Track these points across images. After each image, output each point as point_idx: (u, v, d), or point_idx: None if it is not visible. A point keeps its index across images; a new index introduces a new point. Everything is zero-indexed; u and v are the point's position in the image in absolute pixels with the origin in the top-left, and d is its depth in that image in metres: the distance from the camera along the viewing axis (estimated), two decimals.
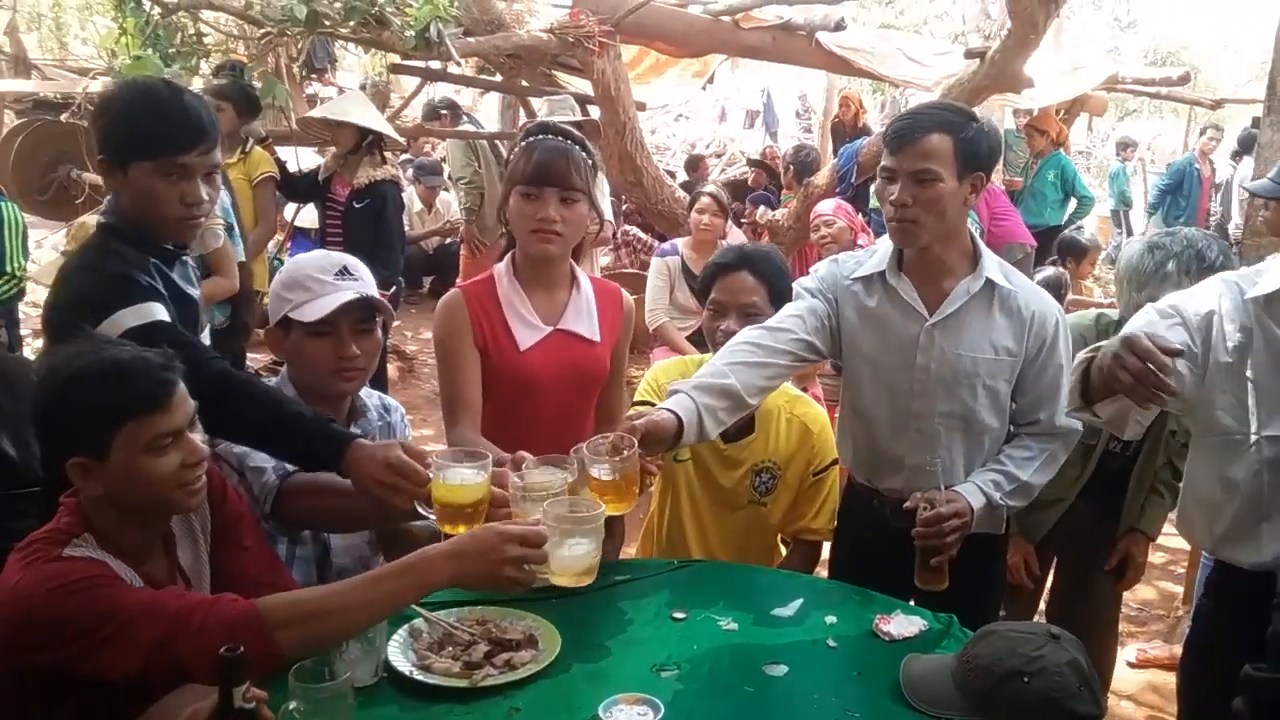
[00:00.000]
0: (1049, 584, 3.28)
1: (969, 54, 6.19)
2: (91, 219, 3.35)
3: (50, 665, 1.69)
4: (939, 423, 2.43)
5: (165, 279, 2.21)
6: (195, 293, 2.35)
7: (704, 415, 2.22)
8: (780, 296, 2.62)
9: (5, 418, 2.39)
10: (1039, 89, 7.05)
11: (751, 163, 11.15)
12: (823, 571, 2.85)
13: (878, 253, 2.51)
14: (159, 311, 2.10)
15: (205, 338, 2.40)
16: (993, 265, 2.43)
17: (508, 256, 2.59)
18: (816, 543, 2.80)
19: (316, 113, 5.79)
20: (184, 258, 2.32)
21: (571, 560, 1.91)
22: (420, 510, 2.00)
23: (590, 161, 2.50)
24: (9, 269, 4.16)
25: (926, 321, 2.41)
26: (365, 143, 5.35)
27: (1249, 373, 2.13)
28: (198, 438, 1.84)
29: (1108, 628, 3.25)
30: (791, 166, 7.83)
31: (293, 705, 1.59)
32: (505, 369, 2.49)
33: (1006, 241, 6.57)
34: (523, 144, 2.50)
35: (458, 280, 7.61)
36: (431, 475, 1.95)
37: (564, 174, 2.42)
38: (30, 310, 5.76)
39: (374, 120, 5.45)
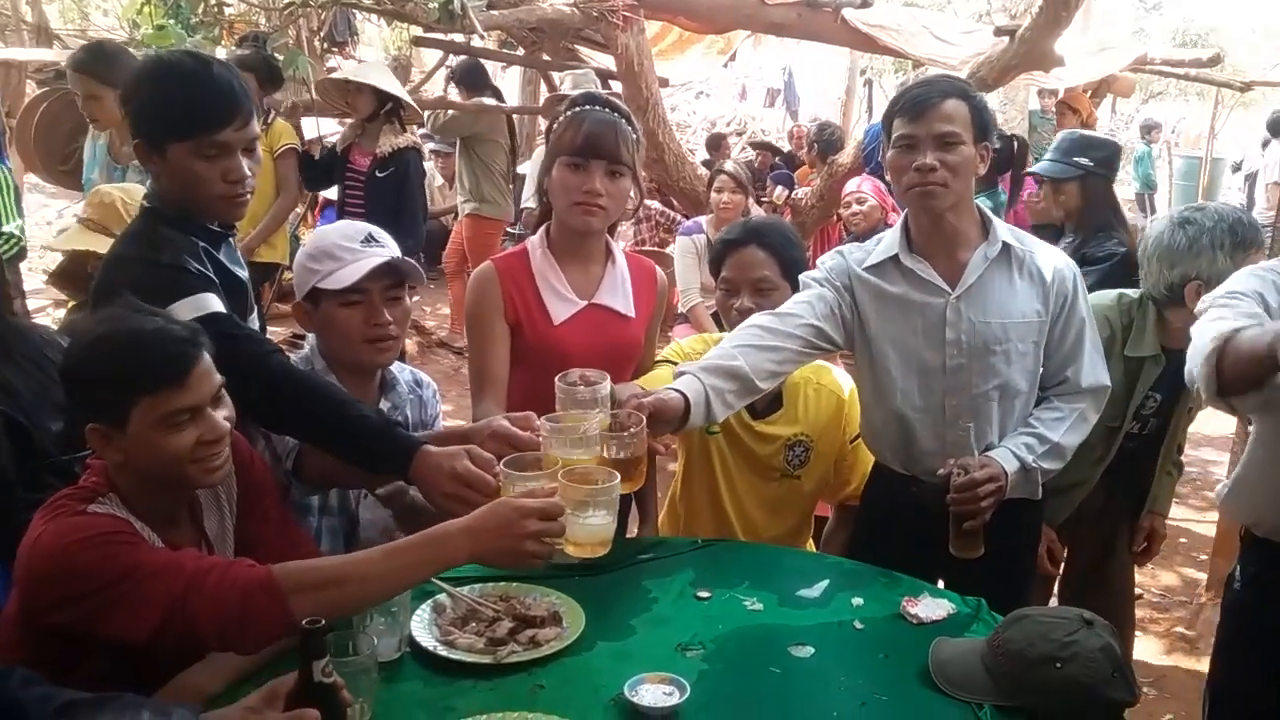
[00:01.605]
0: (1061, 569, 3.26)
1: (998, 31, 6.09)
2: (107, 189, 3.34)
3: (66, 629, 1.68)
4: (977, 395, 2.41)
5: (214, 262, 2.15)
6: (243, 273, 2.29)
7: (711, 397, 2.21)
8: (792, 267, 2.59)
9: (20, 392, 2.38)
10: (1067, 69, 6.95)
11: (755, 145, 11.06)
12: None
13: (884, 241, 2.48)
14: (214, 302, 2.04)
15: (255, 318, 2.36)
16: (1004, 230, 2.43)
17: (541, 229, 2.56)
18: (853, 506, 2.79)
19: (337, 75, 5.75)
20: (229, 238, 2.26)
21: (587, 532, 1.86)
22: None
23: (635, 136, 2.47)
24: (6, 229, 4.15)
25: (950, 295, 2.39)
26: (384, 110, 5.31)
27: None
28: (221, 415, 1.81)
29: (1125, 609, 3.22)
30: (815, 144, 7.75)
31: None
32: (538, 343, 2.46)
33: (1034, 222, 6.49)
34: (570, 114, 2.45)
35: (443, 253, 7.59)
36: (502, 484, 1.90)
37: (613, 147, 2.39)
38: (39, 277, 5.79)
39: (392, 85, 5.42)
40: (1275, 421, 2.13)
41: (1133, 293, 2.86)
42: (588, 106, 2.45)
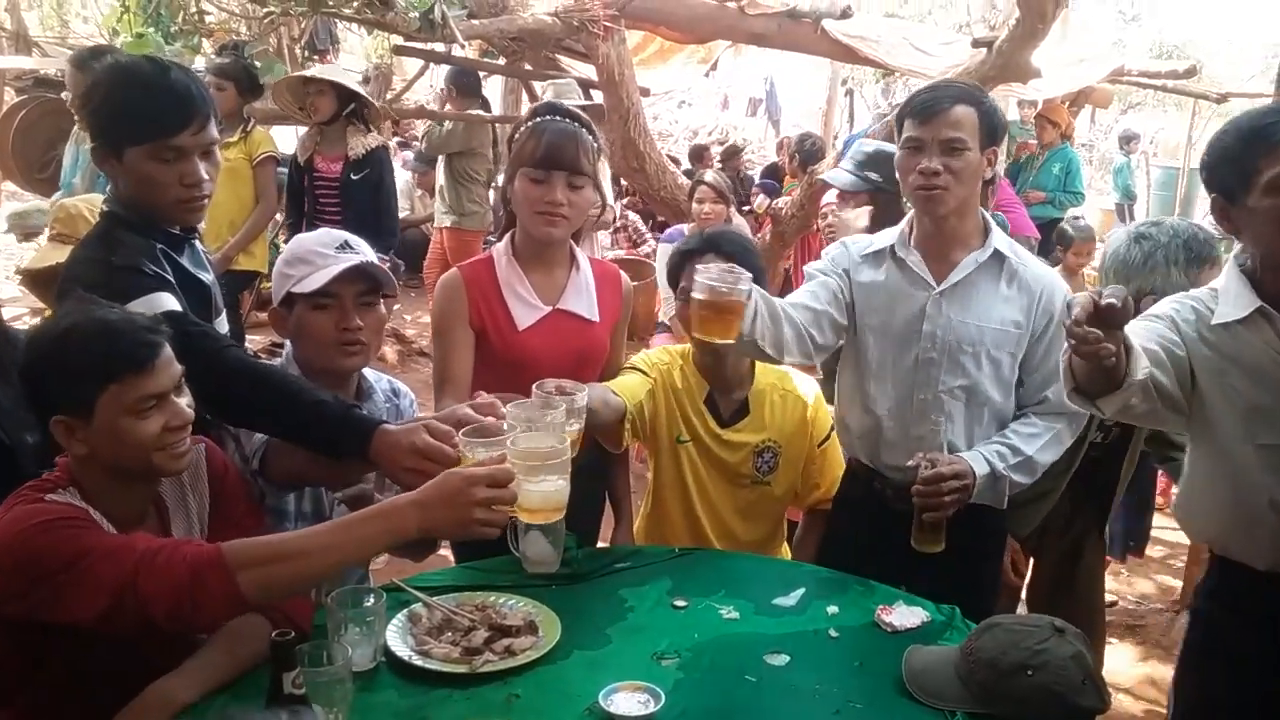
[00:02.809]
0: (1028, 578, 3.27)
1: (976, 43, 6.14)
2: (71, 200, 3.32)
3: (25, 617, 1.69)
4: (943, 393, 2.45)
5: (174, 264, 2.16)
6: (207, 276, 2.30)
7: (761, 306, 2.27)
8: (751, 276, 2.59)
9: (6, 410, 2.37)
10: (1045, 80, 7.00)
11: (724, 155, 11.03)
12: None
13: (887, 232, 2.56)
14: (168, 301, 2.05)
15: (224, 322, 2.36)
16: (1002, 239, 2.47)
17: (506, 237, 2.60)
18: (825, 511, 2.80)
19: (296, 74, 5.66)
20: (192, 240, 2.27)
21: (541, 497, 1.84)
22: None
23: (596, 145, 2.51)
24: None
25: (934, 290, 2.44)
26: (346, 112, 5.28)
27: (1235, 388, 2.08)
28: (184, 402, 1.83)
29: (1093, 617, 3.23)
30: (797, 155, 7.79)
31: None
32: (503, 348, 2.49)
33: (1012, 233, 6.54)
34: (530, 125, 2.49)
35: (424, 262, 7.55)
36: (461, 454, 1.90)
37: (573, 158, 2.42)
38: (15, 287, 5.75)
39: (351, 82, 5.39)
40: (1203, 444, 2.14)
41: None
42: (548, 118, 2.48)
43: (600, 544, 2.74)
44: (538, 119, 2.49)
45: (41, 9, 12.56)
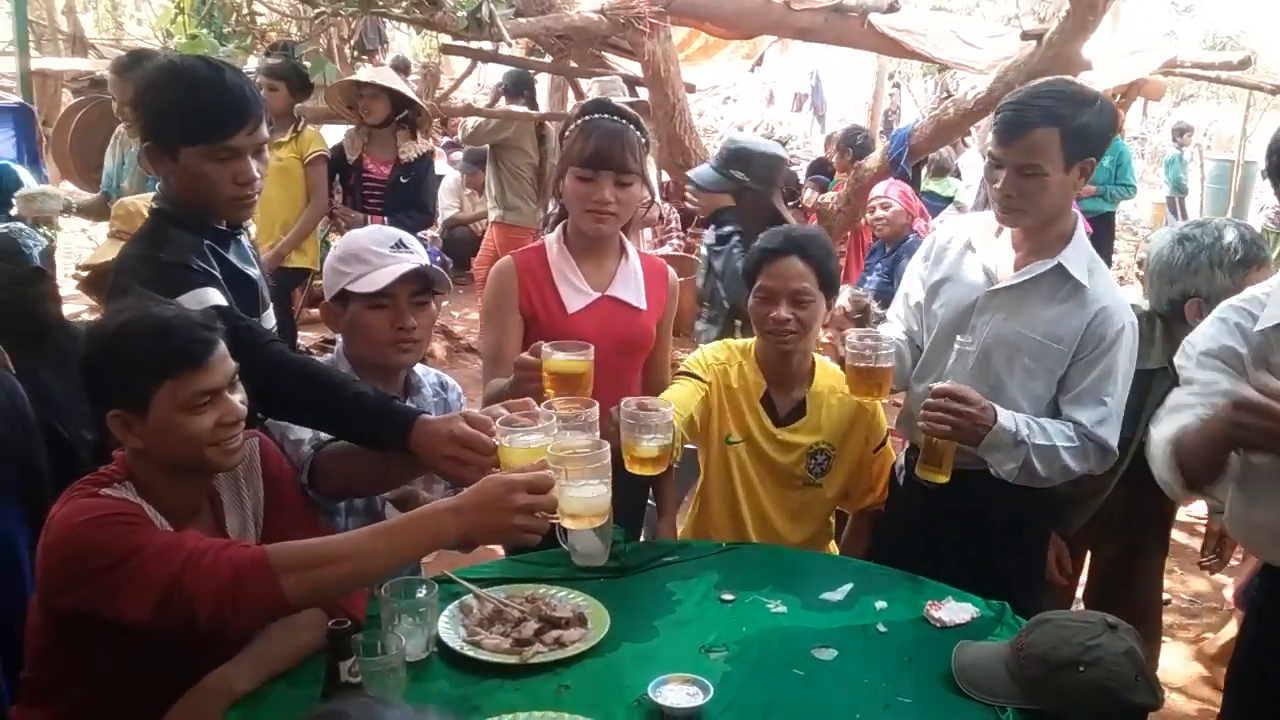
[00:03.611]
0: (1085, 575, 3.24)
1: (1025, 36, 6.06)
2: (131, 200, 3.39)
3: (77, 612, 1.73)
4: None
5: (221, 260, 2.21)
6: (254, 272, 2.34)
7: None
8: (830, 281, 2.60)
9: (59, 401, 2.43)
10: (1096, 72, 6.91)
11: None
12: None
13: (984, 218, 2.56)
14: (215, 296, 2.10)
15: (270, 316, 2.41)
16: (1076, 255, 2.41)
17: (559, 227, 2.63)
18: (875, 515, 2.80)
19: (352, 78, 5.72)
20: (239, 237, 2.32)
21: (583, 503, 1.85)
22: None
23: (644, 141, 2.54)
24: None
25: (990, 287, 2.44)
26: (398, 118, 5.36)
27: None
28: (237, 398, 1.87)
29: (1151, 616, 3.19)
30: (849, 150, 7.73)
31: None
32: (553, 332, 2.51)
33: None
34: (579, 123, 2.52)
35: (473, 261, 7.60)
36: (497, 442, 1.92)
37: (620, 158, 2.46)
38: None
39: (407, 89, 5.45)
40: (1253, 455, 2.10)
41: (1142, 305, 2.84)
42: (597, 116, 2.51)
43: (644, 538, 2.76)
44: (587, 117, 2.52)
45: (96, 11, 12.80)
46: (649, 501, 2.89)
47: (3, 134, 5.18)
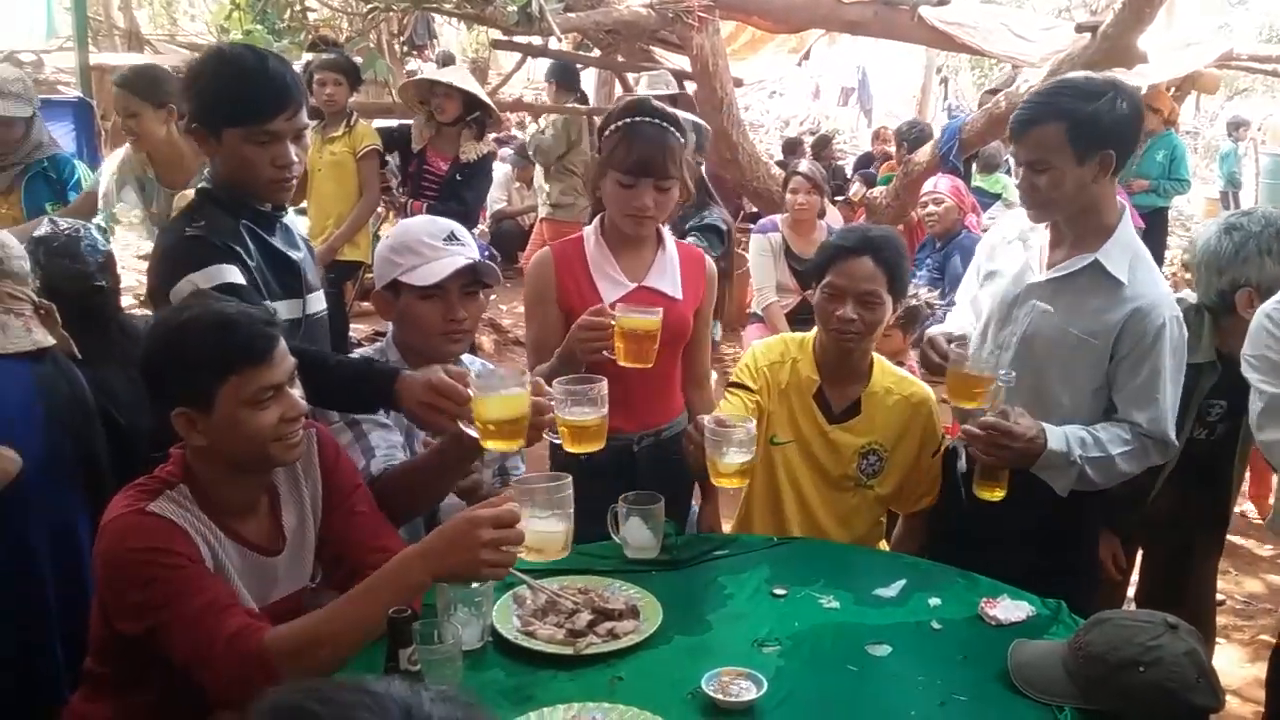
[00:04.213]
0: (1136, 576, 3.20)
1: (1079, 28, 6.00)
2: (189, 192, 3.44)
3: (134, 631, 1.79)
4: (1014, 385, 2.42)
5: (259, 241, 2.30)
6: (297, 254, 2.41)
7: None
8: (900, 283, 2.57)
9: (118, 392, 2.49)
10: (1150, 65, 6.81)
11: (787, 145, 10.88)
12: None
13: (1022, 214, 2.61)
14: (229, 274, 2.17)
15: (318, 300, 2.47)
16: (1116, 250, 2.40)
17: (596, 219, 2.66)
18: (925, 514, 2.76)
19: (423, 76, 5.81)
20: (282, 219, 2.40)
21: (540, 537, 1.86)
22: (463, 429, 2.02)
23: (682, 140, 2.55)
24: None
25: (1031, 280, 2.48)
26: (470, 118, 5.41)
27: None
28: (297, 393, 1.90)
29: (1204, 617, 3.14)
30: (905, 142, 7.65)
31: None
32: None
33: None
34: (621, 126, 2.52)
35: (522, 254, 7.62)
36: (472, 393, 1.96)
37: (662, 166, 2.49)
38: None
39: (482, 93, 5.50)
40: None
41: (1189, 298, 2.80)
42: (639, 119, 2.51)
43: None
44: (629, 119, 2.52)
45: (151, 7, 12.99)
46: (693, 504, 2.90)
47: (63, 128, 5.26)
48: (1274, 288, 2.40)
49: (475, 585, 1.96)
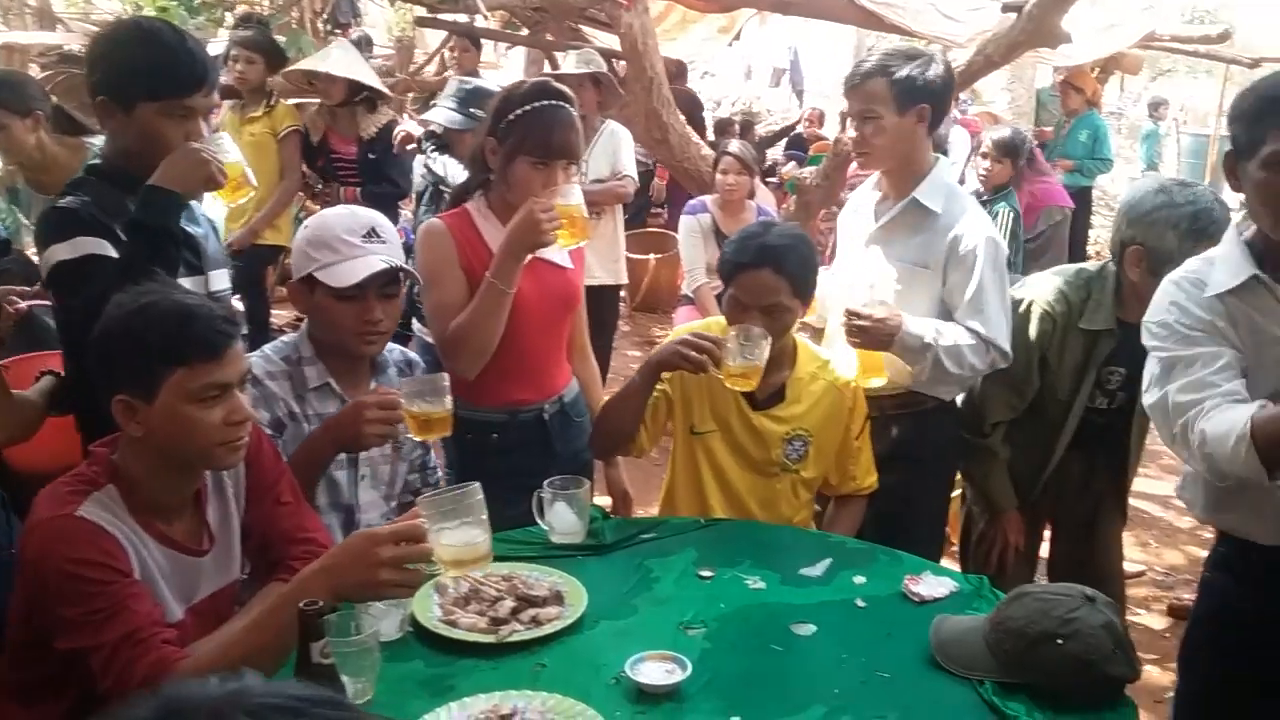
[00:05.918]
0: (1047, 547, 3.25)
1: (1006, 8, 6.02)
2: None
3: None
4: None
5: None
6: (198, 230, 2.37)
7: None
8: (804, 288, 2.51)
9: None
10: (1074, 45, 6.89)
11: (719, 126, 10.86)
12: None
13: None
14: (96, 246, 2.14)
15: (222, 278, 2.44)
16: (929, 188, 2.73)
17: (478, 194, 2.62)
18: (863, 498, 2.76)
19: (300, 65, 5.58)
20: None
21: (458, 549, 1.75)
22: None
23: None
24: None
25: (875, 225, 2.83)
26: (358, 98, 5.29)
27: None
28: (246, 400, 1.85)
29: (1113, 587, 3.18)
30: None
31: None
32: None
33: (1045, 204, 6.41)
34: (531, 109, 2.47)
35: None
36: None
37: (576, 148, 2.52)
38: None
39: (365, 75, 5.36)
40: None
41: (1091, 267, 2.84)
42: (549, 103, 2.49)
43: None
44: (538, 103, 2.48)
45: None
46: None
47: None
48: (1161, 260, 2.47)
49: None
